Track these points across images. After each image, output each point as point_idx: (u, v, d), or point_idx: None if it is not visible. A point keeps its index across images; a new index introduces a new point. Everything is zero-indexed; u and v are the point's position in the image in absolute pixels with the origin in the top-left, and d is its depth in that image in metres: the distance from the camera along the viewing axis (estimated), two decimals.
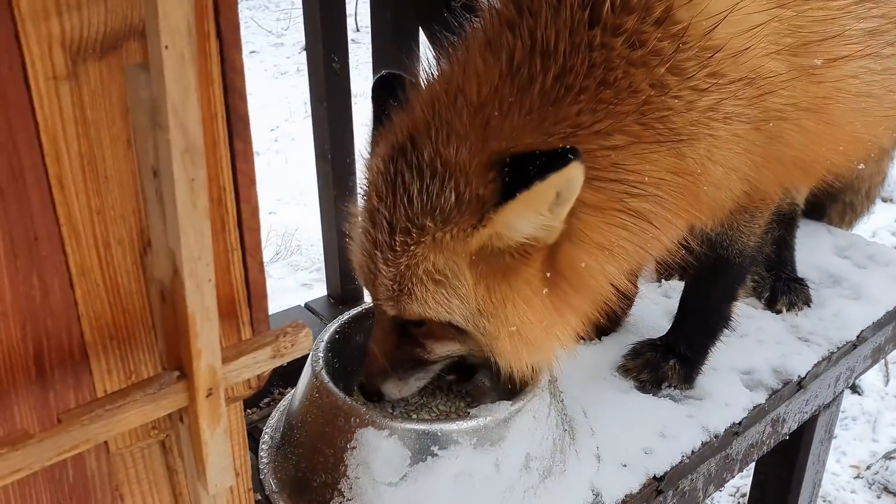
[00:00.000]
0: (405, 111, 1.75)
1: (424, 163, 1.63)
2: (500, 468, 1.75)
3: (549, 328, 1.71)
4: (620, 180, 1.64)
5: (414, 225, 1.64)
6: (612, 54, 1.64)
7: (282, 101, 10.44)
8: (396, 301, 1.73)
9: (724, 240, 2.15)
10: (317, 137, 3.04)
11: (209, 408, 1.18)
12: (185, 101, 0.94)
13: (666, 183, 1.68)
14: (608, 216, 1.66)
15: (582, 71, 1.63)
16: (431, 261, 1.65)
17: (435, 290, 1.67)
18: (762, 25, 1.72)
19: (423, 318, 1.73)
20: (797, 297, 2.75)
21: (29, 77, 0.98)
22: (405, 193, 1.64)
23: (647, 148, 1.64)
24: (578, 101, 1.63)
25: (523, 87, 1.64)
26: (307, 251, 7.16)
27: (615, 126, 1.63)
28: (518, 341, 1.70)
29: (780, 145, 1.87)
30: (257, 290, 1.35)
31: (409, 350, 1.85)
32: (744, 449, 2.39)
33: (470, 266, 1.65)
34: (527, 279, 1.66)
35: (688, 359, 2.31)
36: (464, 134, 1.62)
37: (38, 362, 1.12)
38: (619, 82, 1.63)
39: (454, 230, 1.61)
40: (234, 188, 1.23)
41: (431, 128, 1.65)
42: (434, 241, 1.63)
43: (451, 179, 1.60)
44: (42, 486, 1.21)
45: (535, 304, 1.68)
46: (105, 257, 1.14)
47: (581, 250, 1.66)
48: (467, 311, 1.68)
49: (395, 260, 1.69)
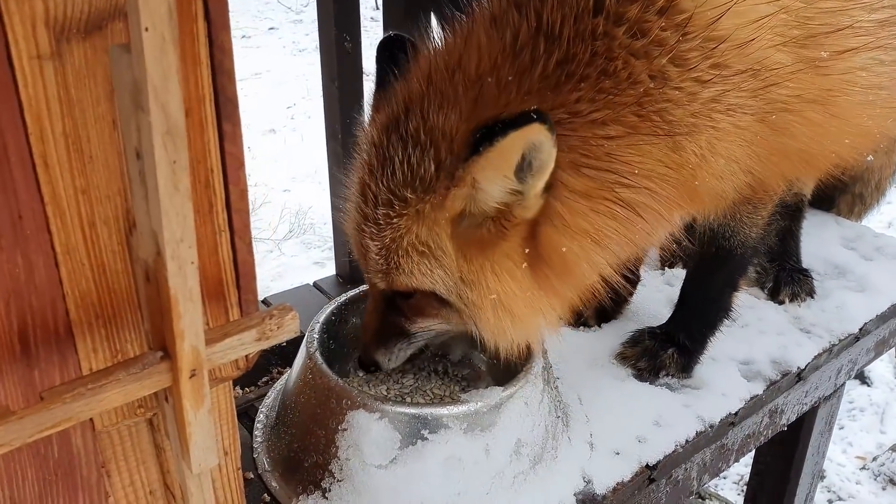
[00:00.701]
0: (404, 81, 1.75)
1: (410, 134, 1.64)
2: (490, 453, 1.75)
3: (532, 304, 1.71)
4: (613, 170, 1.63)
5: (396, 197, 1.66)
6: (613, 44, 1.62)
7: (299, 79, 10.43)
8: (385, 275, 1.76)
9: (727, 230, 2.14)
10: (328, 117, 3.04)
11: (192, 388, 1.19)
12: (165, 84, 0.94)
13: (660, 175, 1.67)
14: (596, 204, 1.64)
15: (584, 59, 1.62)
16: (415, 232, 1.66)
17: (419, 260, 1.68)
18: (769, 17, 1.70)
19: (411, 289, 1.75)
20: (800, 287, 2.73)
21: (12, 56, 0.98)
22: (390, 166, 1.66)
23: (643, 139, 1.63)
24: (579, 88, 1.62)
25: (524, 68, 1.63)
26: (320, 229, 7.19)
27: (612, 116, 1.62)
28: (502, 313, 1.70)
29: (785, 138, 1.84)
30: (246, 271, 1.35)
31: (395, 322, 1.88)
32: (740, 439, 2.38)
33: (451, 237, 1.66)
34: (506, 252, 1.66)
35: (686, 348, 2.30)
36: (455, 103, 1.62)
37: (22, 339, 1.13)
38: (619, 73, 1.62)
39: (434, 199, 1.62)
40: (223, 170, 1.23)
41: (425, 99, 1.65)
42: (416, 213, 1.65)
43: (432, 148, 1.61)
44: (27, 461, 1.22)
45: (517, 275, 1.67)
46: (90, 237, 1.14)
47: (563, 235, 1.65)
48: (451, 281, 1.69)
49: (379, 234, 1.71)
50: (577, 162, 1.61)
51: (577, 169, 1.60)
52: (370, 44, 7.10)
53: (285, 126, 9.42)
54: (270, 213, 7.40)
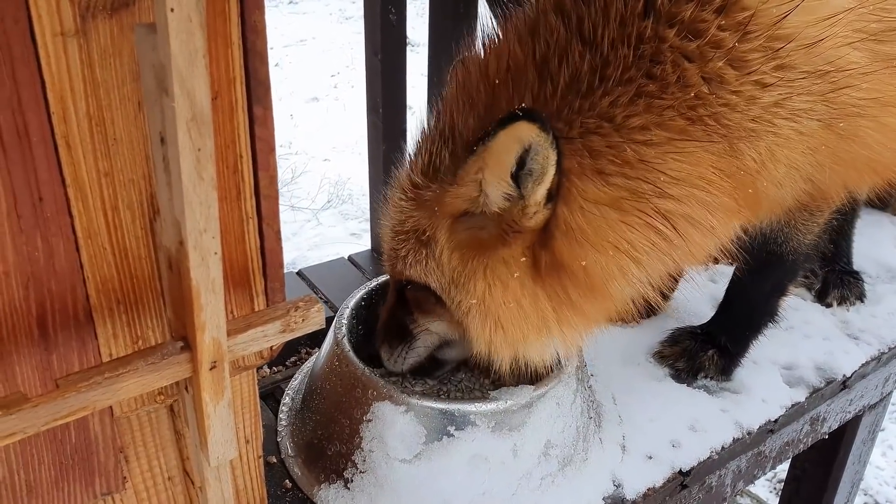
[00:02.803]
0: (451, 83, 1.74)
1: (440, 130, 1.65)
2: (517, 454, 1.70)
3: (533, 321, 1.63)
4: (649, 179, 1.54)
5: (410, 181, 1.67)
6: (662, 46, 1.53)
7: (344, 47, 10.38)
8: (394, 260, 1.75)
9: (779, 236, 2.03)
10: (369, 90, 2.99)
11: (213, 380, 1.15)
12: (191, 68, 0.89)
13: (711, 183, 1.57)
14: (628, 216, 1.55)
15: (625, 63, 1.53)
16: (416, 217, 1.66)
17: (417, 248, 1.67)
18: (846, 12, 1.58)
19: (407, 279, 1.72)
20: (850, 291, 2.61)
21: (35, 32, 0.94)
22: (418, 156, 1.69)
23: (693, 145, 1.54)
24: (613, 92, 1.54)
25: (551, 73, 1.57)
26: (358, 200, 7.18)
27: (654, 121, 1.53)
28: (490, 322, 1.64)
29: (855, 146, 1.71)
30: (273, 259, 1.31)
31: (401, 317, 1.85)
32: (778, 446, 2.30)
33: (448, 230, 1.62)
34: (503, 258, 1.59)
35: (728, 351, 2.22)
36: (474, 106, 1.61)
37: (40, 324, 1.10)
38: (667, 76, 1.52)
39: (438, 190, 1.61)
40: (252, 155, 1.18)
41: (457, 100, 1.65)
42: (420, 197, 1.64)
43: (451, 143, 1.61)
44: (44, 445, 1.20)
45: (510, 285, 1.60)
46: (113, 221, 1.10)
47: (581, 247, 1.56)
48: (443, 276, 1.66)
49: (393, 216, 1.73)
50: (604, 169, 1.53)
51: (602, 177, 1.52)
52: (417, 13, 6.99)
53: (328, 95, 9.39)
54: (310, 183, 7.39)
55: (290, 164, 7.57)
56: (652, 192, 1.53)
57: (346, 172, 7.54)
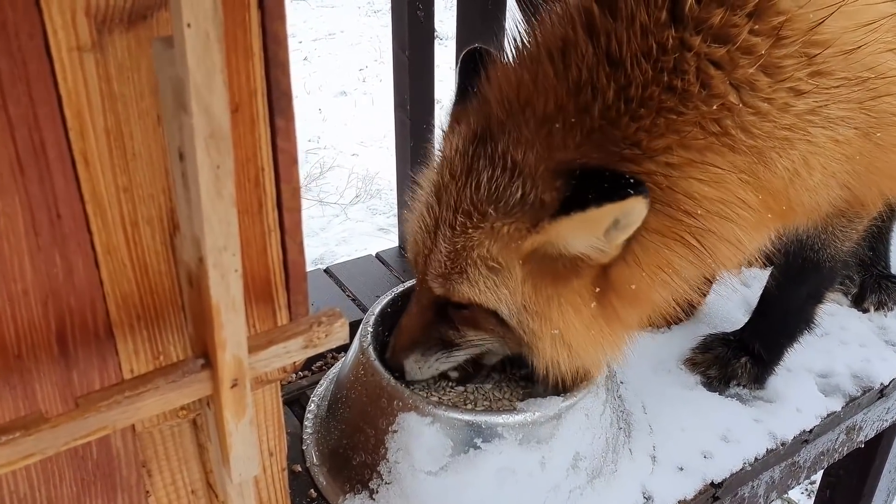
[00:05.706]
0: (483, 102, 1.71)
1: (498, 155, 1.60)
2: (545, 467, 1.67)
3: (594, 339, 1.67)
4: (676, 202, 1.54)
5: (477, 209, 1.62)
6: (685, 55, 1.48)
7: (373, 41, 10.35)
8: (446, 279, 1.70)
9: (816, 242, 1.98)
10: (397, 87, 2.97)
11: (234, 399, 1.13)
12: (209, 84, 0.86)
13: (739, 199, 1.54)
14: (668, 240, 1.57)
15: (644, 80, 1.50)
16: (486, 247, 1.62)
17: (487, 275, 1.64)
18: (888, 18, 1.52)
19: (471, 302, 1.70)
20: (888, 296, 2.54)
21: (51, 47, 0.91)
22: (476, 178, 1.63)
23: (717, 160, 1.50)
24: (638, 116, 1.52)
25: (586, 104, 1.55)
26: (386, 196, 7.16)
27: (677, 141, 1.51)
28: (560, 346, 1.66)
29: (892, 155, 1.66)
30: (296, 272, 1.28)
31: (441, 330, 1.82)
32: (813, 457, 2.24)
33: (522, 262, 1.62)
34: (576, 289, 1.62)
35: (761, 358, 2.17)
36: (531, 141, 1.58)
37: (60, 341, 1.08)
38: (688, 86, 1.48)
39: (512, 225, 1.59)
40: (274, 168, 1.16)
41: (506, 127, 1.62)
42: (492, 229, 1.61)
43: (519, 177, 1.58)
44: (65, 462, 1.18)
45: (584, 313, 1.63)
46: (133, 237, 1.08)
47: (635, 272, 1.60)
48: (514, 304, 1.65)
49: (452, 238, 1.67)
50: None
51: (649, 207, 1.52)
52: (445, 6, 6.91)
53: (356, 89, 9.37)
54: (338, 177, 7.38)
55: (319, 158, 7.56)
56: (685, 213, 1.51)
57: (375, 167, 7.52)
